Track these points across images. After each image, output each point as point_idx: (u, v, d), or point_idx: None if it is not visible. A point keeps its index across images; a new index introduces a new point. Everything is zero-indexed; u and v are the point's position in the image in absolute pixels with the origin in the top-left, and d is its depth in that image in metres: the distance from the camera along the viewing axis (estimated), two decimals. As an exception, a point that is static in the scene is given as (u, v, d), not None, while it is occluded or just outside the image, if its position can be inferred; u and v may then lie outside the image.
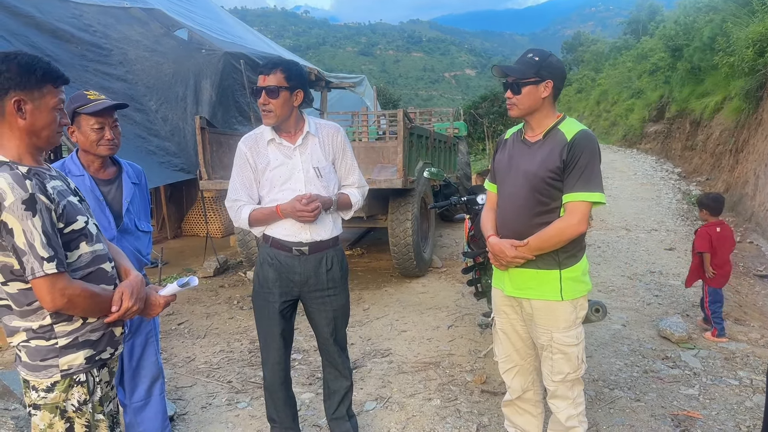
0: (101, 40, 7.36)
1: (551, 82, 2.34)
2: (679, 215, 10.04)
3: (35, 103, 1.74)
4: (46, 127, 1.78)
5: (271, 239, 2.71)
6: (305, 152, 2.67)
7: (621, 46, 38.54)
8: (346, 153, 2.81)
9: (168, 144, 7.24)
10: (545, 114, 2.40)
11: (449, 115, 12.19)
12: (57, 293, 1.67)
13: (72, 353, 1.80)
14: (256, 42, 11.17)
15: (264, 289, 2.76)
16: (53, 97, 1.78)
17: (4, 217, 1.62)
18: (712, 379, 3.82)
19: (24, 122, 1.73)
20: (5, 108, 1.71)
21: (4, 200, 1.62)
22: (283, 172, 2.64)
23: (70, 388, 1.81)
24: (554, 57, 2.39)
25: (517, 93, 2.37)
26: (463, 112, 19.04)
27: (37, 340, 1.77)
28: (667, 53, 19.15)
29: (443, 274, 6.85)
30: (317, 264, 2.72)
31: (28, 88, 1.72)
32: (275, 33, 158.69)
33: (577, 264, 2.40)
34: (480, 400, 3.61)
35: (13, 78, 1.69)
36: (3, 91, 1.70)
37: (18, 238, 1.63)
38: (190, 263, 7.57)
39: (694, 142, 15.01)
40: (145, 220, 2.83)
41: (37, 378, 1.79)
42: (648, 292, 5.79)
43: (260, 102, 2.56)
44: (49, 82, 1.77)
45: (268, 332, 2.78)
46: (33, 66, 1.73)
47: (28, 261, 1.64)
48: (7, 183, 1.63)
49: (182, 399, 3.73)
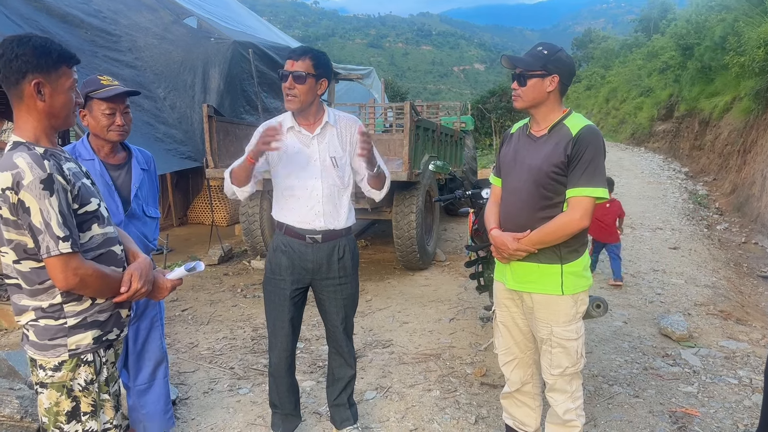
0: (111, 26, 7.38)
1: (557, 77, 2.35)
2: (684, 215, 10.02)
3: (53, 85, 1.75)
4: (63, 107, 1.79)
5: (285, 227, 2.74)
6: (323, 142, 2.70)
7: (631, 43, 38.31)
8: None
9: (175, 131, 7.27)
10: (551, 108, 2.41)
11: (457, 109, 12.19)
12: (70, 272, 1.70)
13: (80, 333, 1.83)
14: (265, 32, 11.16)
15: (276, 276, 2.78)
16: (68, 78, 1.79)
17: (22, 195, 1.65)
18: (711, 377, 3.84)
19: (43, 104, 1.74)
20: (23, 91, 1.72)
21: (22, 179, 1.64)
22: (300, 159, 2.68)
23: (77, 367, 1.84)
24: (563, 52, 2.39)
25: (523, 85, 2.38)
26: (471, 107, 19.01)
27: (46, 319, 1.80)
28: (678, 52, 19.03)
29: (446, 267, 6.88)
30: (330, 252, 2.75)
31: (45, 70, 1.72)
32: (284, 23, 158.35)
33: (578, 259, 2.41)
34: (479, 393, 3.64)
35: (30, 61, 1.70)
36: (21, 74, 1.70)
37: (35, 216, 1.66)
38: (195, 251, 7.62)
39: (702, 142, 14.95)
40: (153, 206, 2.86)
41: (45, 357, 1.82)
42: (650, 290, 5.80)
43: (286, 86, 2.58)
44: (64, 62, 1.77)
45: (277, 318, 2.81)
46: (48, 48, 1.73)
47: (43, 240, 1.67)
48: (26, 163, 1.65)
49: (185, 384, 3.77)
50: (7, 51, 1.69)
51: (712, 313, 5.13)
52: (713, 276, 6.37)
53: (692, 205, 10.93)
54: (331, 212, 2.72)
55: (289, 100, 2.60)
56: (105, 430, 1.95)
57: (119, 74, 6.78)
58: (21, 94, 1.73)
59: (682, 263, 6.88)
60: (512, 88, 2.44)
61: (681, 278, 6.23)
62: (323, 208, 2.70)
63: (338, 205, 2.74)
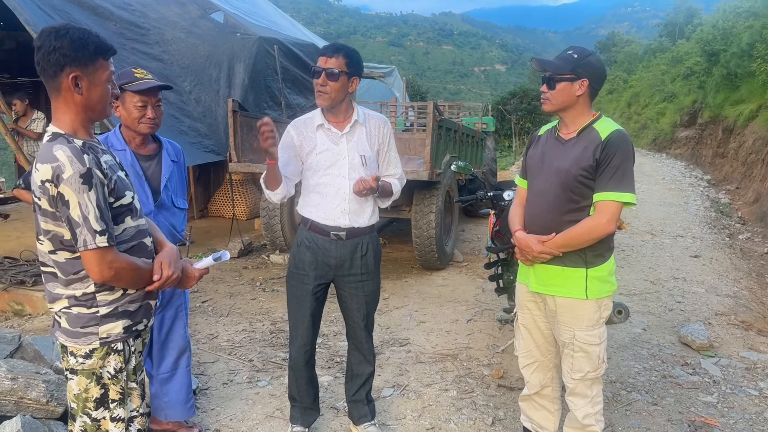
0: (140, 19, 7.47)
1: (587, 81, 2.34)
2: (706, 223, 9.90)
3: (90, 78, 1.75)
4: (100, 100, 1.80)
5: (310, 222, 2.77)
6: (352, 140, 2.73)
7: (656, 48, 37.93)
8: (390, 145, 2.86)
9: (200, 125, 7.34)
10: (580, 112, 2.41)
11: (478, 109, 12.15)
12: (105, 266, 1.73)
13: (112, 322, 1.86)
14: (289, 28, 11.22)
15: (299, 271, 2.81)
16: (105, 70, 1.79)
17: (62, 189, 1.67)
18: (731, 387, 3.80)
19: (80, 97, 1.75)
20: (61, 84, 1.73)
21: (62, 173, 1.66)
22: (328, 157, 2.70)
23: (108, 355, 1.88)
24: (594, 56, 2.39)
25: (552, 88, 2.38)
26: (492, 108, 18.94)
27: (78, 308, 1.84)
28: (703, 58, 18.82)
29: (464, 268, 6.87)
30: (353, 249, 2.78)
31: (83, 64, 1.73)
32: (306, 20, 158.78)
33: (604, 264, 2.41)
34: (496, 394, 3.64)
35: (67, 54, 1.69)
36: (58, 67, 1.70)
37: (73, 210, 1.68)
38: (215, 243, 7.69)
39: (725, 150, 14.76)
40: (182, 198, 2.91)
41: (76, 344, 1.85)
42: (671, 298, 5.75)
43: (318, 83, 2.60)
44: (101, 55, 1.77)
45: (298, 312, 2.84)
46: (85, 40, 1.73)
47: (81, 233, 1.69)
48: (66, 156, 1.67)
49: (204, 374, 3.82)
50: (45, 44, 1.69)
51: (733, 323, 5.08)
52: (735, 286, 6.29)
53: (714, 213, 10.80)
54: (357, 210, 2.75)
55: (321, 96, 2.63)
56: (131, 417, 1.99)
57: (146, 67, 6.85)
58: (59, 87, 1.74)
59: (703, 272, 6.81)
60: (541, 90, 2.44)
61: (702, 287, 6.17)
62: (349, 206, 2.73)
63: (363, 204, 2.77)
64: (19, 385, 2.88)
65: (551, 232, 2.39)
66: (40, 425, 2.71)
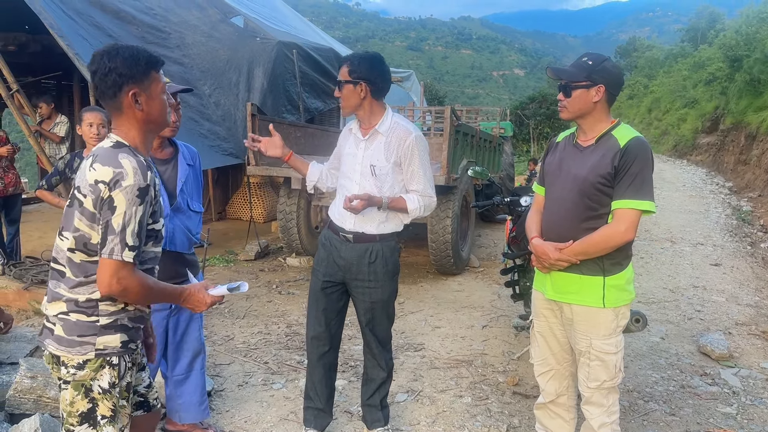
0: (161, 23, 7.56)
1: (603, 87, 2.32)
2: (727, 231, 9.75)
3: (147, 92, 1.81)
4: (160, 112, 1.86)
5: (329, 221, 2.92)
6: (369, 148, 2.77)
7: (677, 53, 37.53)
8: (413, 158, 2.73)
9: (219, 128, 7.41)
10: (598, 118, 2.39)
11: (496, 114, 12.11)
12: (116, 279, 1.70)
13: (110, 334, 1.81)
14: (309, 32, 11.29)
15: (316, 266, 2.96)
16: (159, 82, 1.85)
17: (115, 194, 1.68)
18: (751, 399, 3.73)
19: (141, 113, 1.81)
20: (122, 103, 1.78)
21: (123, 180, 1.68)
22: (349, 161, 2.83)
23: (101, 368, 1.81)
24: (610, 62, 2.37)
25: (568, 96, 2.36)
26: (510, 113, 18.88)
27: (78, 314, 1.78)
28: (726, 63, 18.57)
29: (480, 273, 6.85)
30: (361, 254, 2.80)
31: (138, 79, 1.78)
32: (326, 24, 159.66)
33: (622, 272, 2.38)
34: (511, 402, 3.62)
35: (123, 72, 1.75)
36: (117, 87, 1.75)
37: (117, 218, 1.68)
38: (233, 245, 7.75)
39: (748, 157, 14.55)
40: (197, 201, 2.94)
41: (69, 354, 1.78)
42: (690, 307, 5.67)
43: (335, 94, 2.79)
44: (153, 68, 1.82)
45: (310, 306, 2.97)
46: (137, 56, 1.78)
47: (112, 241, 1.68)
48: (132, 167, 1.70)
49: (220, 376, 3.85)
50: (100, 66, 1.75)
51: (753, 333, 4.99)
52: (756, 295, 6.19)
53: (735, 221, 10.63)
54: (363, 215, 2.75)
55: (341, 106, 2.81)
56: None
57: (167, 70, 6.86)
58: (120, 106, 1.79)
59: (724, 280, 6.71)
60: (558, 99, 2.43)
61: (722, 296, 6.08)
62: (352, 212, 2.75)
63: (369, 211, 2.74)
64: (38, 383, 2.93)
65: (568, 239, 2.37)
66: (58, 424, 2.74)
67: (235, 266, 6.85)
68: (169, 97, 1.91)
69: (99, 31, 6.47)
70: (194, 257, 2.98)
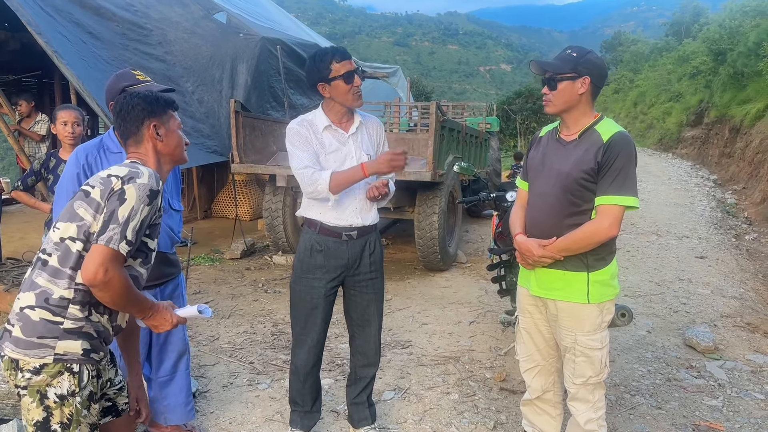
0: (142, 19, 7.46)
1: (588, 78, 2.31)
2: (712, 223, 9.83)
3: (166, 125, 2.03)
4: (177, 145, 2.07)
5: (319, 226, 2.74)
6: (357, 140, 2.77)
7: (662, 47, 37.80)
8: (386, 145, 2.95)
9: (202, 126, 7.33)
10: (582, 112, 2.37)
11: (482, 109, 12.10)
12: (103, 268, 1.70)
13: (72, 340, 1.78)
14: (293, 28, 11.20)
15: (309, 275, 2.77)
16: (175, 120, 2.08)
17: (128, 188, 1.77)
18: (737, 391, 3.75)
19: (161, 144, 2.02)
20: (144, 135, 2.00)
21: (138, 177, 1.81)
22: (337, 158, 2.72)
23: (59, 375, 1.76)
24: (593, 54, 2.36)
25: (553, 89, 2.34)
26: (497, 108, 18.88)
27: (43, 311, 1.76)
28: (710, 57, 18.71)
29: (467, 269, 6.84)
30: (362, 248, 2.80)
31: (158, 114, 2.01)
32: (312, 20, 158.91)
33: (606, 267, 2.37)
34: (498, 398, 3.61)
35: (144, 108, 1.99)
36: (140, 120, 1.98)
37: (123, 209, 1.75)
38: (218, 244, 7.68)
39: (732, 150, 14.67)
40: (177, 199, 2.90)
41: (26, 356, 1.74)
42: (676, 300, 5.70)
43: (357, 84, 2.65)
44: (169, 107, 2.06)
45: (310, 316, 2.80)
46: (156, 95, 2.04)
47: (113, 230, 1.74)
48: (149, 173, 1.86)
49: (204, 377, 3.80)
50: (124, 106, 1.99)
51: (738, 325, 5.02)
52: (741, 287, 6.23)
53: (720, 213, 10.72)
54: (366, 208, 2.78)
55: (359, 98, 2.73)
56: None
57: (149, 68, 6.85)
58: (141, 138, 2.00)
59: (709, 273, 6.75)
60: (543, 93, 2.40)
61: (707, 288, 6.12)
62: (359, 205, 2.75)
63: (367, 202, 2.78)
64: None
65: (551, 235, 2.36)
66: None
67: (220, 265, 6.79)
68: (185, 137, 2.11)
69: (78, 28, 6.36)
70: (176, 257, 2.94)
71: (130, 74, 2.64)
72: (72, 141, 3.87)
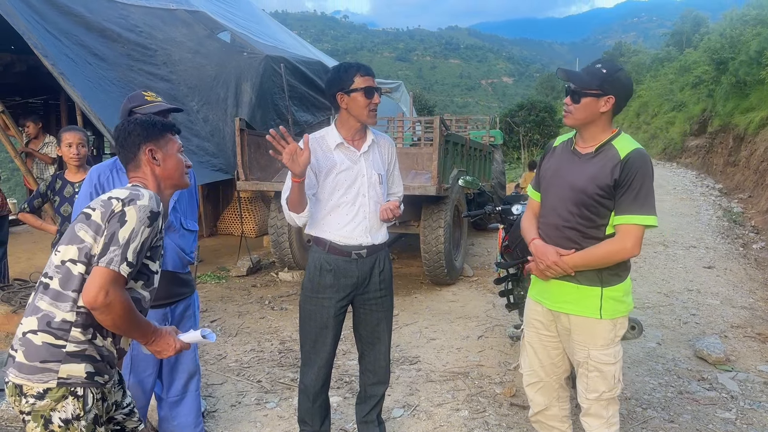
0: (147, 40, 7.53)
1: (613, 98, 2.24)
2: (719, 232, 9.78)
3: (163, 150, 2.02)
4: (176, 169, 2.05)
5: (328, 245, 2.72)
6: (368, 159, 2.75)
7: (663, 57, 37.85)
8: (396, 165, 2.96)
9: (208, 144, 7.37)
10: (601, 128, 2.32)
11: (485, 122, 12.13)
12: (104, 291, 1.69)
13: (75, 363, 1.76)
14: (296, 46, 11.28)
15: (319, 295, 2.75)
16: (174, 143, 2.07)
17: (128, 209, 1.77)
18: (750, 403, 3.71)
19: (159, 168, 2.01)
20: (141, 160, 2.00)
21: (138, 199, 1.81)
22: (349, 176, 2.69)
23: (64, 399, 1.75)
24: (623, 72, 2.29)
25: (576, 102, 2.28)
26: (499, 121, 18.91)
27: (46, 335, 1.75)
28: (712, 66, 18.72)
29: (474, 283, 6.81)
30: (372, 266, 2.79)
31: (154, 138, 2.00)
32: (314, 37, 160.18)
33: (620, 284, 2.34)
34: (509, 413, 3.58)
35: (140, 133, 1.99)
36: (136, 146, 1.99)
37: (124, 231, 1.75)
38: (224, 262, 7.69)
39: (736, 158, 14.63)
40: (192, 219, 2.89)
41: (30, 381, 1.73)
42: (685, 311, 5.65)
43: (375, 101, 2.66)
44: (168, 131, 2.05)
45: (319, 336, 2.78)
46: (153, 120, 2.04)
47: (113, 251, 1.73)
48: (149, 195, 1.86)
49: (212, 396, 3.79)
50: (122, 132, 2.00)
51: (749, 335, 4.98)
52: (750, 297, 6.19)
53: (727, 222, 10.67)
54: (376, 227, 2.77)
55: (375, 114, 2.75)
56: None
57: (154, 87, 6.90)
58: (139, 163, 1.99)
59: (718, 283, 6.71)
60: (564, 103, 2.34)
61: (716, 299, 6.07)
62: (369, 224, 2.73)
63: (378, 221, 2.78)
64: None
65: (563, 248, 2.33)
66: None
67: (227, 283, 6.78)
68: (186, 160, 2.09)
69: (84, 50, 6.42)
70: (189, 276, 2.93)
71: (139, 96, 2.66)
72: (77, 162, 3.89)
